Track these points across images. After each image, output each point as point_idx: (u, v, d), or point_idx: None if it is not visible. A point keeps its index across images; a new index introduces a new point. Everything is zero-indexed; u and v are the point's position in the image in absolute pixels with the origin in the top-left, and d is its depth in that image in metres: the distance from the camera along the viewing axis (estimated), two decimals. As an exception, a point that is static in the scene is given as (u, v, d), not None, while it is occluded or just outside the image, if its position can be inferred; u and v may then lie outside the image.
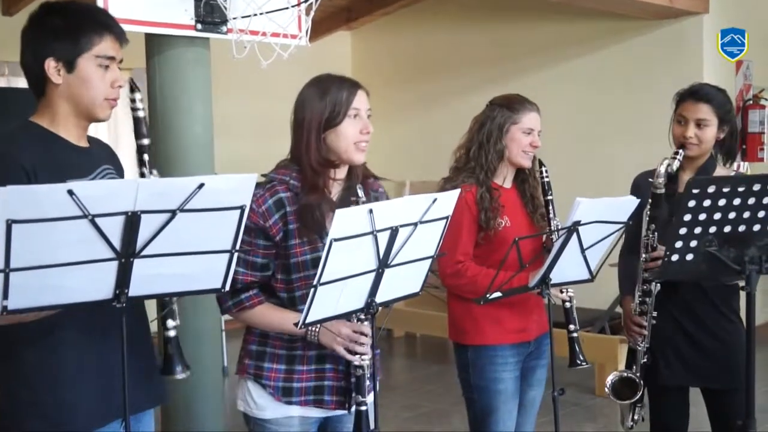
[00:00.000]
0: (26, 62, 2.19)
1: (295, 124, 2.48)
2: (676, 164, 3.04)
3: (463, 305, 3.06)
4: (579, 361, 2.97)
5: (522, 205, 3.12)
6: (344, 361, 2.44)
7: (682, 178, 3.11)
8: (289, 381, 2.47)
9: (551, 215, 3.03)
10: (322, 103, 2.42)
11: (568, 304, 2.98)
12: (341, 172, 2.51)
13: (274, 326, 2.46)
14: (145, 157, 2.28)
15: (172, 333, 2.25)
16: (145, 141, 2.25)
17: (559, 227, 2.85)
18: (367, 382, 2.41)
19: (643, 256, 3.06)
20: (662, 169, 3.02)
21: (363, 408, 2.36)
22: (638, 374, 3.13)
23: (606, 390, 3.19)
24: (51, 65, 2.14)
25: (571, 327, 2.98)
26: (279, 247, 2.42)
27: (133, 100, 2.27)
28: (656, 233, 3.03)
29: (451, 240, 2.94)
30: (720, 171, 3.14)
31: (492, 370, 3.05)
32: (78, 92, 2.17)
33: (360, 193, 2.37)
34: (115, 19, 2.27)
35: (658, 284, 3.05)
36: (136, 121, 2.26)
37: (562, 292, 2.94)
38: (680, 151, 3.05)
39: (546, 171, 3.07)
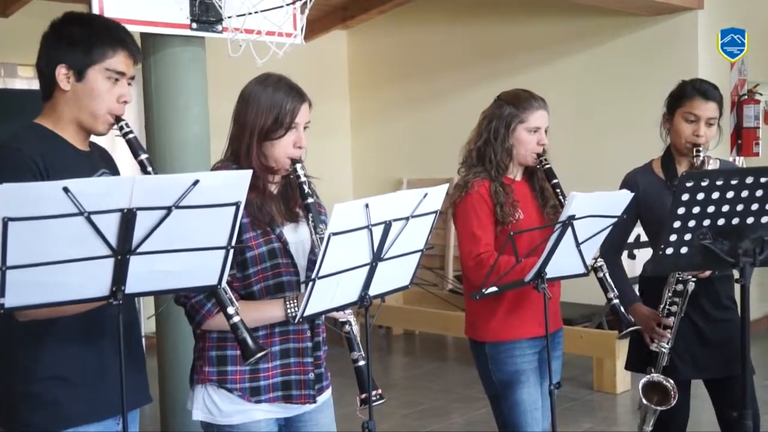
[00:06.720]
0: (40, 65, 2.25)
1: (237, 121, 2.48)
2: (699, 162, 3.06)
3: (479, 302, 2.98)
4: (628, 323, 2.91)
5: (533, 198, 3.11)
6: (310, 353, 2.47)
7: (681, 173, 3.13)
8: (255, 380, 2.43)
9: (562, 198, 2.99)
10: (266, 109, 2.42)
11: (600, 273, 2.94)
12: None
13: (255, 319, 2.37)
14: (149, 169, 2.26)
15: (236, 319, 2.16)
16: (144, 156, 2.24)
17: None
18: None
19: None
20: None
21: (360, 363, 2.39)
22: (664, 378, 3.11)
23: (639, 392, 3.15)
24: (62, 72, 2.19)
25: (610, 295, 2.93)
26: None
27: (121, 128, 2.25)
28: None
29: (469, 233, 2.96)
30: (711, 164, 3.13)
31: (512, 363, 3.02)
32: (83, 101, 2.21)
33: (307, 189, 2.42)
34: (133, 37, 2.30)
35: (693, 284, 3.05)
36: (130, 142, 2.24)
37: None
38: (700, 149, 3.07)
39: (544, 159, 3.04)
